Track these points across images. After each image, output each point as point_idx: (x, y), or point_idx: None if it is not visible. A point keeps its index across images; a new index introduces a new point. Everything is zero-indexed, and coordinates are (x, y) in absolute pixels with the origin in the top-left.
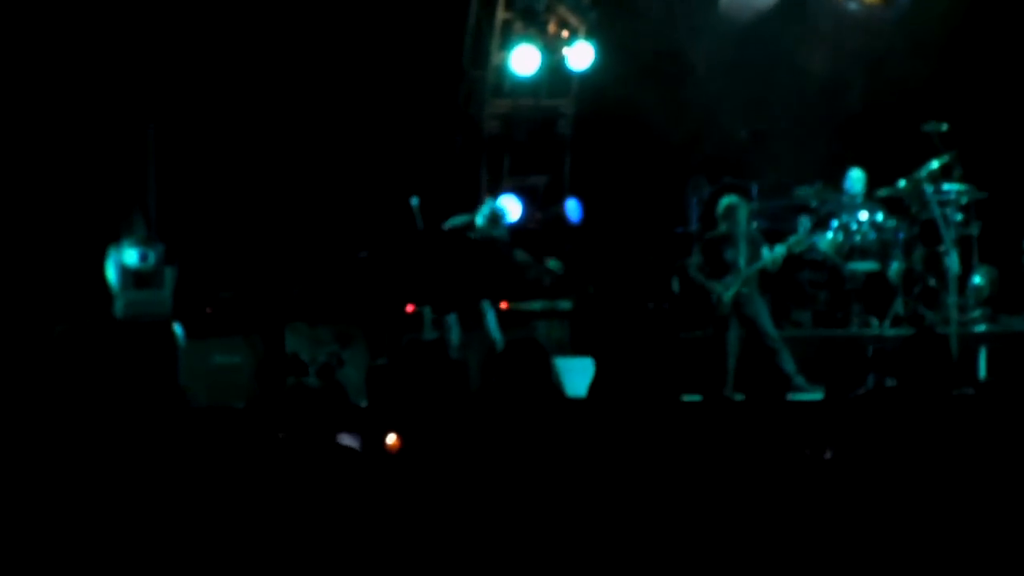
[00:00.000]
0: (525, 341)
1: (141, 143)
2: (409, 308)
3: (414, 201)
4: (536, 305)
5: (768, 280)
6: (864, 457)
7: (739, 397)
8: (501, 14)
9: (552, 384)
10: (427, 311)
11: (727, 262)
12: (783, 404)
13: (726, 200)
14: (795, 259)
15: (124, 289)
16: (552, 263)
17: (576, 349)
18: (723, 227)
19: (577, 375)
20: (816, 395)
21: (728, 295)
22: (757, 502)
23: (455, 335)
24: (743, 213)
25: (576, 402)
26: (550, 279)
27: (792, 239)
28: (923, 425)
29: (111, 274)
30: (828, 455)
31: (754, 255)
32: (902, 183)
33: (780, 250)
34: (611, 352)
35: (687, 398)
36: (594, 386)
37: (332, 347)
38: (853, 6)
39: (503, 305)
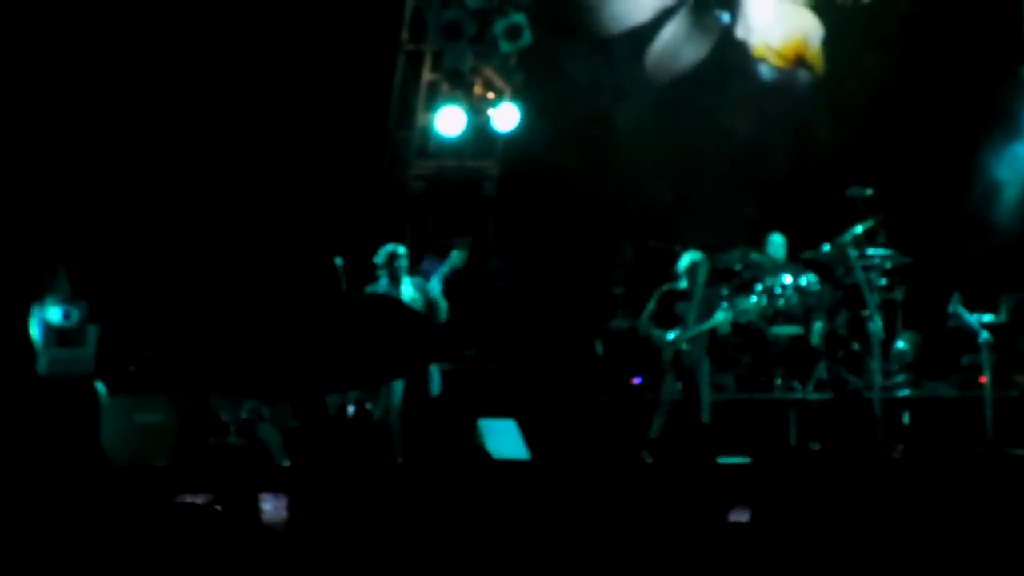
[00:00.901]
0: (448, 401)
1: (64, 200)
2: None
3: (338, 262)
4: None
5: None
6: (786, 521)
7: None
8: (427, 75)
9: (475, 445)
10: None
11: (677, 316)
12: (711, 467)
13: (689, 256)
14: None
15: (47, 347)
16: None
17: (498, 410)
18: (683, 283)
19: (499, 436)
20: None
21: (669, 349)
22: (682, 565)
23: (397, 397)
24: (704, 270)
25: (499, 464)
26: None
27: (744, 306)
28: (847, 489)
29: (34, 332)
30: (746, 518)
31: (706, 315)
32: (826, 247)
33: (726, 316)
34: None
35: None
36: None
37: (252, 403)
38: (766, 71)
39: None
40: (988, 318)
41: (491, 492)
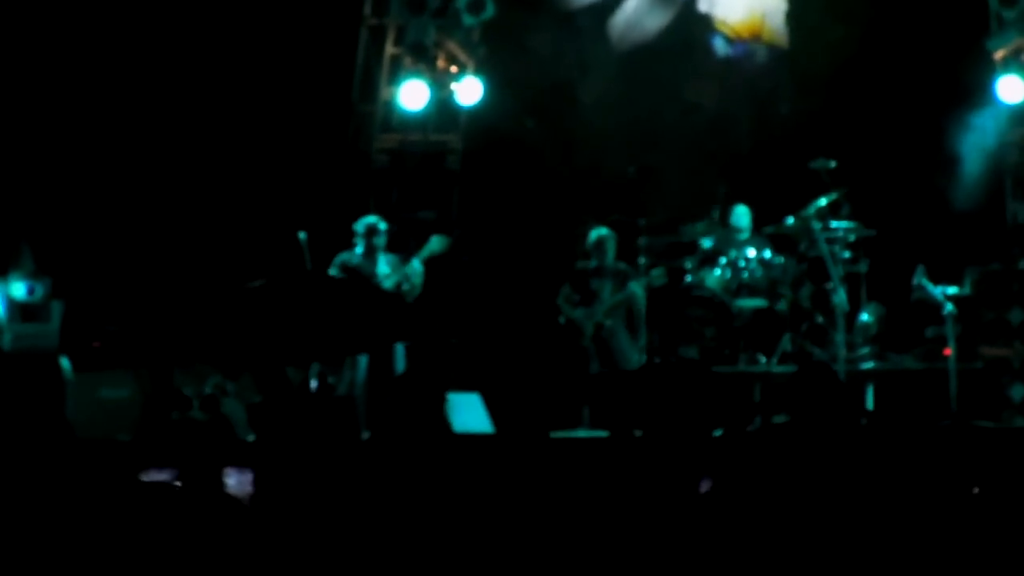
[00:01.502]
0: (418, 374)
1: (27, 177)
2: None
3: (302, 236)
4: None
5: (655, 316)
6: (753, 493)
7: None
8: (390, 49)
9: (443, 419)
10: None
11: (592, 293)
12: (704, 439)
13: (596, 232)
14: (682, 295)
15: (11, 322)
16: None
17: (462, 384)
18: (593, 260)
19: (463, 411)
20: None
21: (589, 325)
22: (650, 536)
23: (361, 372)
24: (611, 246)
25: (465, 438)
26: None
27: (653, 272)
28: (815, 460)
29: None
30: (706, 488)
31: (619, 288)
32: (790, 220)
33: (637, 287)
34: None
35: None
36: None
37: (216, 378)
38: (729, 45)
39: None
40: (952, 290)
41: (456, 466)
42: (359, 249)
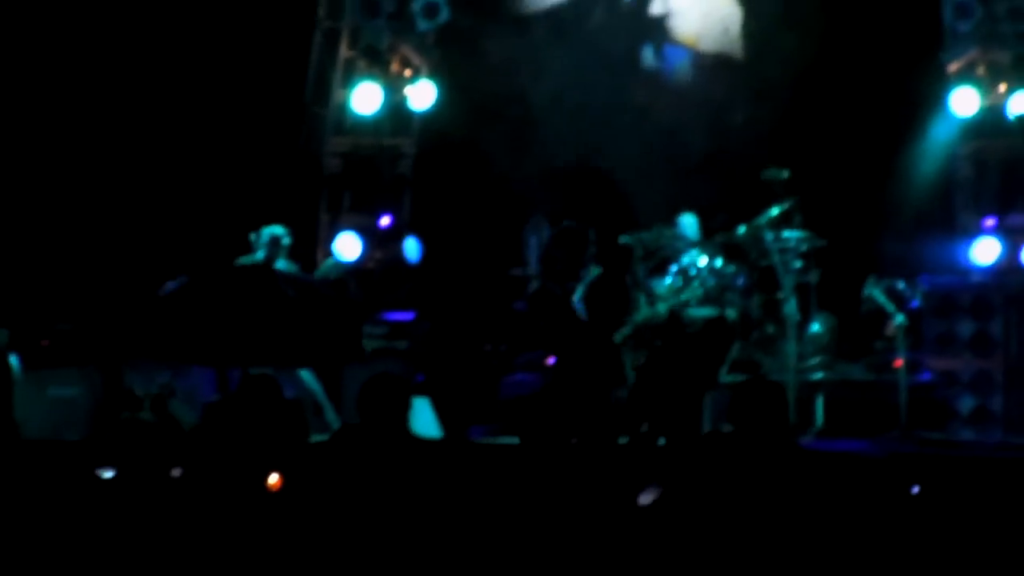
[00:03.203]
0: (388, 377)
1: None
2: None
3: (252, 237)
4: (373, 344)
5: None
6: (696, 501)
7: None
8: (344, 52)
9: (405, 423)
10: None
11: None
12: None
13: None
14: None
15: None
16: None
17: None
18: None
19: (417, 415)
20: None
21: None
22: (588, 542)
23: (310, 380)
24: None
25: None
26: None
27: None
28: (758, 471)
29: None
30: (650, 499)
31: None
32: (741, 229)
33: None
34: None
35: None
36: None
37: (164, 378)
38: (684, 53)
39: None
40: (901, 285)
41: (417, 471)
42: (260, 255)
